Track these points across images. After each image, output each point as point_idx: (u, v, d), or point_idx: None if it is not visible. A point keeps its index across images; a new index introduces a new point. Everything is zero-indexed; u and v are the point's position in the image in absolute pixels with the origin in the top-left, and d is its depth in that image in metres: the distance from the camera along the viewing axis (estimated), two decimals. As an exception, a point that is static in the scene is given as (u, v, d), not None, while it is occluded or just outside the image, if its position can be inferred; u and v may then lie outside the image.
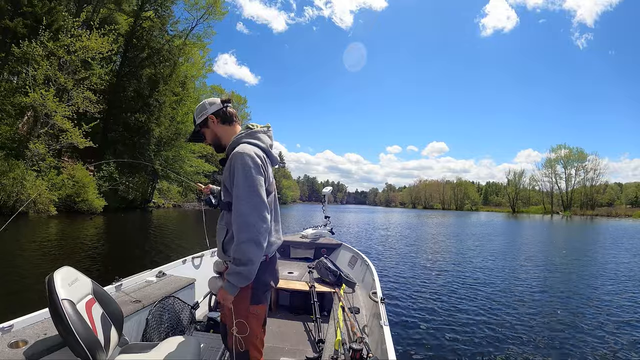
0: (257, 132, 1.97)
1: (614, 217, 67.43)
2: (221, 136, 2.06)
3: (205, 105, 2.08)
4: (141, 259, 9.47)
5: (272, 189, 1.97)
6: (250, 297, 1.86)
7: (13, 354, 1.79)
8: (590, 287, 8.83)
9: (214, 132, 2.07)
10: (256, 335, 1.91)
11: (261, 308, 1.92)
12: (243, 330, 1.85)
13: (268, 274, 1.95)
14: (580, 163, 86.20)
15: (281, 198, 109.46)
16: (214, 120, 2.05)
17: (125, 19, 31.07)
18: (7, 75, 22.80)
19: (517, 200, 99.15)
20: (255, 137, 1.94)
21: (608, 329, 5.81)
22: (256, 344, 1.92)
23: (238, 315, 1.85)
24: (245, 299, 1.85)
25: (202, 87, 42.69)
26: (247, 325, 1.86)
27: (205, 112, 2.06)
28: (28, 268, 7.69)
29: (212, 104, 2.07)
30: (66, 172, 23.40)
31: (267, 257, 1.92)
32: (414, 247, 15.42)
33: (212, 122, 2.05)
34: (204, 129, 2.09)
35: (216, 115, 2.05)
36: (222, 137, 2.06)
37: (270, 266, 1.98)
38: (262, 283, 1.90)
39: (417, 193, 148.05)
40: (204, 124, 2.08)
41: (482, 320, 6.04)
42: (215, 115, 2.05)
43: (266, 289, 1.96)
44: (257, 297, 1.89)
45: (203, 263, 4.45)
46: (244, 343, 1.86)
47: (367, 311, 3.68)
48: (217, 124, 2.05)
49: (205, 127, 2.08)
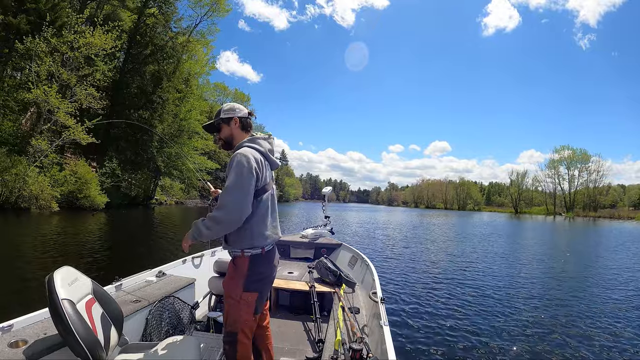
0: (257, 138, 2.27)
1: (617, 219, 67.03)
2: (234, 138, 2.33)
3: (235, 107, 2.35)
4: (141, 258, 9.46)
5: (270, 188, 2.24)
6: (243, 284, 2.12)
7: (13, 353, 1.80)
8: (597, 293, 8.54)
9: (231, 132, 2.34)
10: (245, 321, 2.15)
11: (252, 296, 2.14)
12: (234, 313, 2.13)
13: (263, 266, 2.18)
14: (584, 164, 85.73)
15: (284, 196, 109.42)
16: (237, 123, 2.32)
17: (129, 16, 31.10)
18: (11, 71, 22.84)
19: (519, 200, 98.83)
20: (255, 142, 2.23)
21: (614, 335, 5.77)
22: (245, 330, 2.16)
23: (231, 299, 2.14)
24: (238, 285, 2.12)
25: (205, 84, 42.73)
26: (237, 309, 2.13)
27: (234, 113, 2.33)
28: (28, 267, 7.67)
29: (241, 110, 2.35)
30: (69, 168, 23.44)
31: (263, 250, 2.17)
32: (414, 247, 15.40)
33: (234, 124, 2.32)
34: (224, 124, 2.34)
35: (240, 119, 2.33)
36: (234, 139, 2.33)
37: (266, 259, 2.20)
38: (255, 272, 2.14)
39: (420, 192, 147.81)
40: (227, 121, 2.33)
41: (482, 321, 6.04)
42: (240, 119, 2.33)
43: (260, 279, 2.17)
44: (249, 284, 2.13)
45: (203, 263, 4.45)
46: (233, 325, 2.13)
47: (367, 311, 3.68)
48: (236, 127, 2.33)
49: (226, 124, 2.34)
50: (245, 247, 2.13)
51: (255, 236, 2.13)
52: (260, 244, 2.14)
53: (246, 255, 2.13)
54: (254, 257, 2.13)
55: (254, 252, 2.14)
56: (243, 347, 2.17)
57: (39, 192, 19.61)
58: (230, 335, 2.15)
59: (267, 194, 2.18)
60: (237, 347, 2.15)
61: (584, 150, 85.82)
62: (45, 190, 20.04)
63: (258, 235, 2.13)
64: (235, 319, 2.13)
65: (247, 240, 2.12)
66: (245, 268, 2.12)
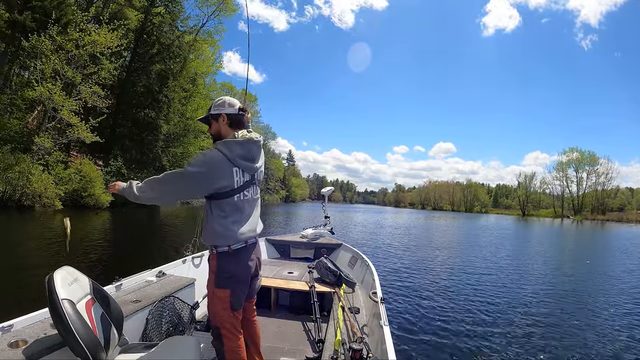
0: (232, 141, 2.20)
1: (626, 222, 66.18)
2: (222, 134, 2.30)
3: (224, 103, 2.31)
4: (141, 258, 9.45)
5: (234, 188, 2.19)
6: (214, 280, 2.19)
7: (13, 353, 1.81)
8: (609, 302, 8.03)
9: (219, 129, 2.31)
10: (222, 317, 2.19)
11: (224, 292, 2.19)
12: (212, 308, 2.23)
13: (232, 264, 2.21)
14: (592, 167, 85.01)
15: (290, 196, 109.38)
16: (224, 119, 2.29)
17: (135, 15, 31.23)
18: (18, 69, 22.99)
19: (527, 203, 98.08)
20: (227, 146, 2.17)
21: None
22: (226, 325, 2.20)
23: (208, 294, 2.24)
24: (211, 280, 2.21)
25: (212, 83, 42.85)
26: (214, 304, 2.21)
27: (222, 110, 2.30)
28: (28, 266, 7.67)
29: (231, 106, 2.31)
30: (73, 166, 23.55)
31: (229, 248, 2.19)
32: (414, 247, 15.40)
33: (222, 120, 2.30)
34: (212, 120, 2.33)
35: (228, 116, 2.29)
36: (222, 135, 2.30)
37: (234, 257, 2.22)
38: (224, 270, 2.19)
39: (427, 194, 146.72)
40: (216, 117, 2.31)
41: (483, 321, 6.04)
42: (227, 116, 2.29)
43: (229, 276, 2.20)
44: (219, 281, 2.19)
45: (203, 263, 4.45)
46: (214, 320, 2.22)
47: (367, 311, 3.67)
48: (224, 124, 2.30)
49: (215, 120, 2.32)
50: (213, 244, 2.21)
51: (219, 235, 2.17)
52: (226, 242, 2.18)
53: (214, 252, 2.21)
54: (221, 254, 2.19)
55: (221, 249, 2.19)
56: (229, 341, 2.21)
57: (43, 190, 19.68)
58: (215, 330, 2.23)
59: (233, 197, 2.19)
60: (223, 341, 2.21)
61: (592, 153, 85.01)
62: (49, 188, 20.11)
63: (222, 234, 2.17)
64: (214, 314, 2.22)
65: (212, 238, 2.20)
66: (214, 265, 2.20)
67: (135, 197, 2.11)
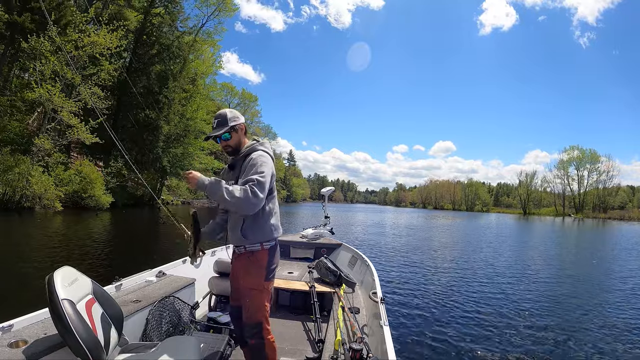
0: (265, 142, 2.43)
1: (627, 221, 66.15)
2: (242, 143, 2.43)
3: (235, 115, 2.41)
4: (141, 258, 9.47)
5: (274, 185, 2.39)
6: (265, 274, 2.31)
7: (13, 353, 1.80)
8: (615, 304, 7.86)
9: (239, 138, 2.41)
10: (266, 308, 2.32)
11: (271, 284, 2.38)
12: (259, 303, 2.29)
13: (276, 257, 2.41)
14: (593, 165, 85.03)
15: (291, 196, 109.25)
16: (243, 129, 2.43)
17: (135, 16, 31.19)
18: (18, 71, 22.96)
19: (528, 201, 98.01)
20: (265, 146, 2.39)
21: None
22: (267, 316, 2.33)
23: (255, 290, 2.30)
24: (261, 276, 2.30)
25: (212, 84, 42.80)
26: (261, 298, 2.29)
27: (241, 120, 2.41)
28: (29, 267, 7.69)
29: (239, 116, 2.44)
30: (74, 167, 23.52)
31: (275, 242, 2.40)
32: (414, 247, 15.39)
33: (240, 130, 2.41)
34: (233, 132, 2.38)
35: (244, 125, 2.45)
36: (241, 144, 2.42)
37: (276, 250, 2.42)
38: (272, 262, 2.35)
39: (428, 193, 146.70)
40: (236, 129, 2.39)
41: (483, 321, 6.04)
42: (243, 124, 2.44)
43: (275, 267, 2.40)
44: (269, 274, 2.33)
45: (203, 263, 4.43)
46: (258, 315, 2.28)
47: (367, 311, 3.67)
48: (242, 133, 2.43)
49: (235, 131, 2.38)
50: (264, 241, 2.30)
51: (273, 229, 2.33)
52: (275, 236, 2.35)
53: (265, 248, 2.31)
54: (271, 249, 2.34)
55: (271, 244, 2.34)
56: (268, 334, 2.32)
57: (42, 192, 19.65)
58: (256, 327, 2.28)
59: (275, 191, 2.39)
60: (265, 336, 2.30)
61: (593, 151, 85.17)
62: (49, 190, 20.09)
63: (274, 228, 2.33)
64: (258, 308, 2.29)
65: (267, 234, 2.30)
66: (265, 260, 2.31)
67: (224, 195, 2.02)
